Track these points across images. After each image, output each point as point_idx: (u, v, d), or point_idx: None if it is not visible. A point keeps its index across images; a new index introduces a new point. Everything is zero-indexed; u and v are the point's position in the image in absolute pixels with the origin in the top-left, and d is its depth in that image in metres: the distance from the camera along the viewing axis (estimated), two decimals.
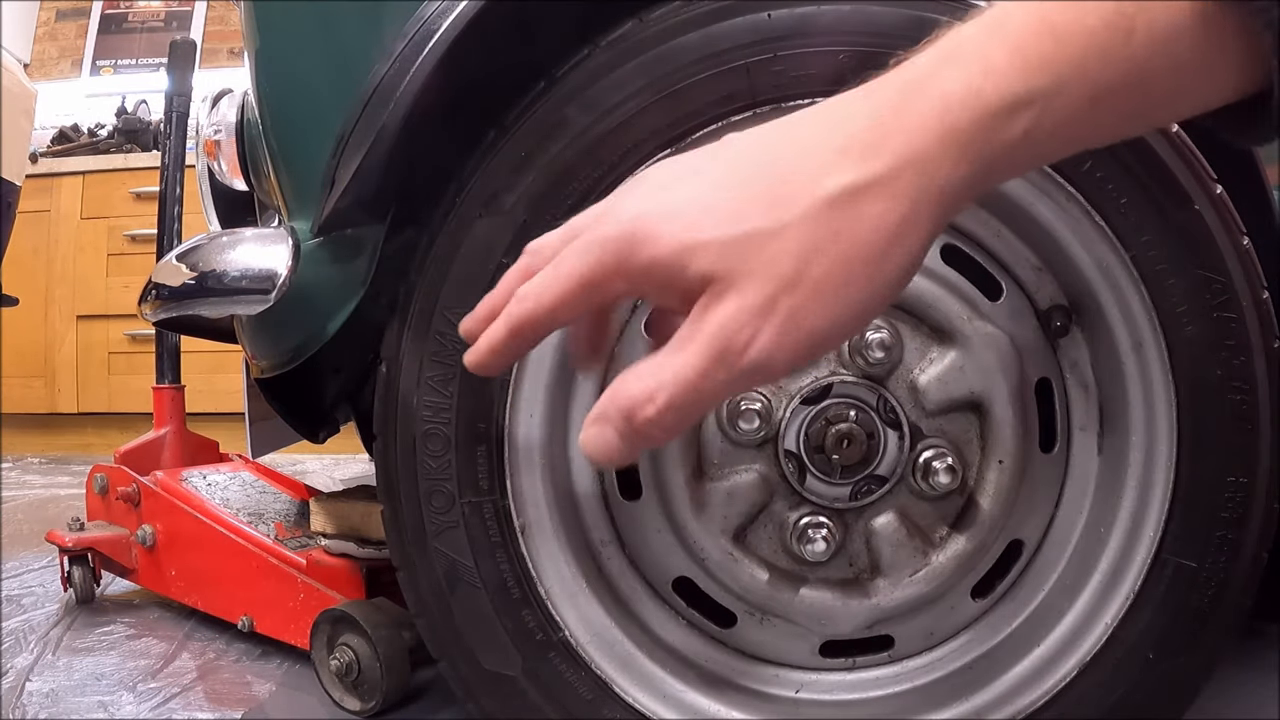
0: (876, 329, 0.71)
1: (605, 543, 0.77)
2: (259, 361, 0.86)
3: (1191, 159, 0.69)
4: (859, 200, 0.40)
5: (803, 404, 0.72)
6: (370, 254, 0.72)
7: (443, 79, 0.67)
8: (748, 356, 0.39)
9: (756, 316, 0.39)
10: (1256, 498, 0.70)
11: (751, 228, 0.39)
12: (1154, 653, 0.72)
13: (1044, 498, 0.77)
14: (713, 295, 0.40)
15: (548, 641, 0.72)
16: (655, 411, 0.40)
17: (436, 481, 0.71)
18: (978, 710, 0.74)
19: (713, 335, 0.39)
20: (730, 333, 0.39)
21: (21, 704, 1.03)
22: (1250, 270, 0.70)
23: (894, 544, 0.74)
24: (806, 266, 0.39)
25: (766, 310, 0.39)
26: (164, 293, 0.76)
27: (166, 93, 1.72)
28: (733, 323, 0.39)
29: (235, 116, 0.97)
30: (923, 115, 0.40)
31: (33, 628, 1.32)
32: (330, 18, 0.74)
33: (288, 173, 0.78)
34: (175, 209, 1.66)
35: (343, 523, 1.09)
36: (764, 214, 0.39)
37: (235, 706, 1.03)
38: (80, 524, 1.45)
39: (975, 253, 0.76)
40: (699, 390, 0.40)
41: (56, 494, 2.63)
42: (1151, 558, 0.72)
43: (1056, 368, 0.77)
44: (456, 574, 0.71)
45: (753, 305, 0.39)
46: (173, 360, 1.69)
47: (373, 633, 0.97)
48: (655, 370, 0.40)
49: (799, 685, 0.78)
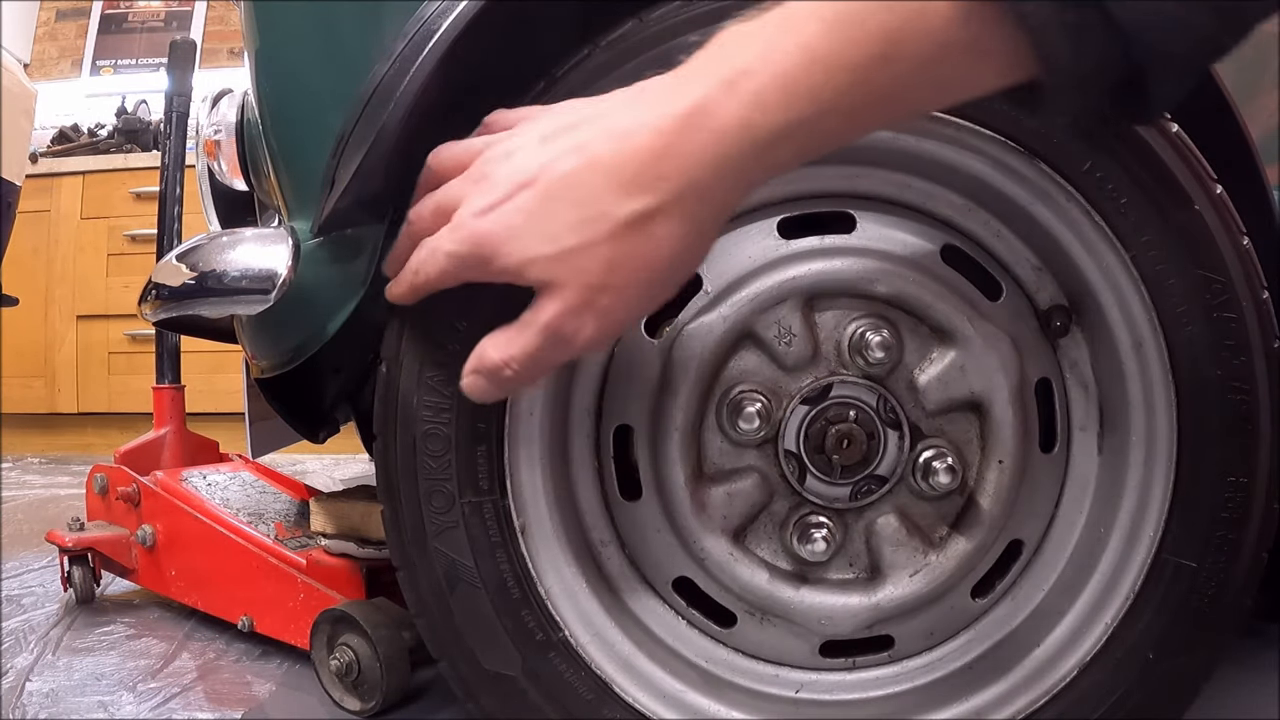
0: (877, 329, 0.72)
1: (605, 543, 0.77)
2: (259, 361, 0.86)
3: (1191, 159, 0.69)
4: (650, 223, 0.52)
5: (802, 404, 0.72)
6: (370, 254, 0.72)
7: (443, 79, 0.67)
8: (577, 341, 0.55)
9: (579, 313, 0.54)
10: (1256, 498, 0.70)
11: (568, 247, 0.52)
12: (1154, 653, 0.72)
13: (1044, 498, 0.77)
14: (545, 295, 0.54)
15: (548, 641, 0.72)
16: (511, 374, 0.57)
17: (436, 481, 0.71)
18: (978, 710, 0.74)
19: (547, 325, 0.54)
20: (560, 325, 0.54)
21: (21, 704, 1.03)
22: (1250, 270, 0.70)
23: (894, 544, 0.74)
24: (611, 276, 0.53)
25: (585, 308, 0.53)
26: (164, 293, 0.76)
27: (166, 93, 1.72)
28: (560, 318, 0.54)
29: (235, 116, 0.97)
30: (701, 147, 0.50)
31: (33, 628, 1.32)
32: (330, 18, 0.74)
33: (288, 173, 0.78)
34: (175, 209, 1.66)
35: (343, 523, 1.09)
36: (577, 235, 0.52)
37: (235, 706, 1.03)
38: (80, 524, 1.45)
39: (975, 253, 0.76)
40: (540, 362, 0.56)
41: (56, 494, 2.63)
42: (1151, 558, 0.72)
43: (1056, 368, 0.77)
44: (456, 574, 0.71)
45: (575, 305, 0.53)
46: (173, 360, 1.69)
47: (373, 633, 0.97)
48: (507, 344, 0.56)
49: (799, 685, 0.78)
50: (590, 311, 0.54)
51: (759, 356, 0.73)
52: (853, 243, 0.74)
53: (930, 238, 0.75)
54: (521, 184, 0.54)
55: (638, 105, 0.53)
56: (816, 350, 0.73)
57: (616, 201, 0.51)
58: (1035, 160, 0.70)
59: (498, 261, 0.54)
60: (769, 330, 0.72)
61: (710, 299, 0.73)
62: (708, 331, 0.72)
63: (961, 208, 0.75)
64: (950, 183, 0.74)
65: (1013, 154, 0.70)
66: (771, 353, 0.72)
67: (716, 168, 0.51)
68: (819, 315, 0.73)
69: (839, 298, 0.73)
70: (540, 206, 0.53)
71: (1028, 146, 0.70)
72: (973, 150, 0.71)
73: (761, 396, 0.72)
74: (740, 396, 0.72)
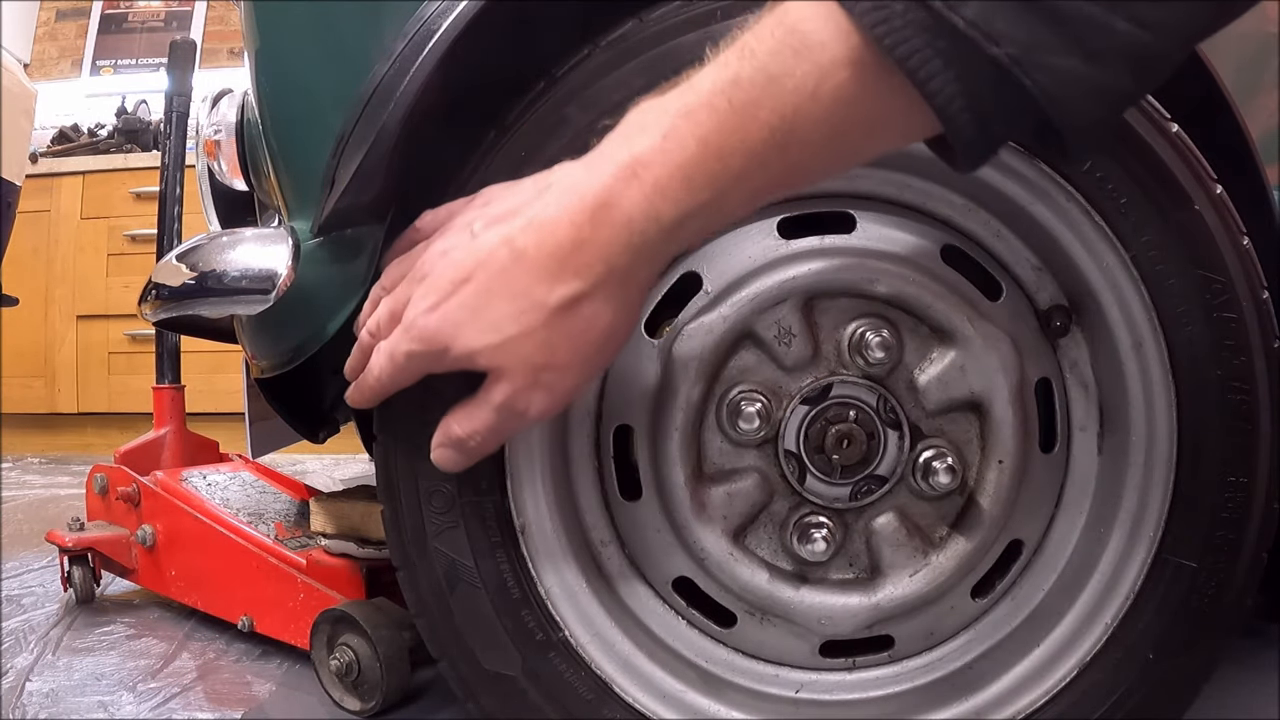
0: (877, 329, 0.72)
1: (605, 543, 0.77)
2: (259, 361, 0.86)
3: (1191, 159, 0.69)
4: (579, 306, 0.57)
5: (802, 404, 0.72)
6: (370, 254, 0.72)
7: (443, 79, 0.67)
8: (529, 414, 0.61)
9: (527, 391, 0.59)
10: (1256, 498, 0.70)
11: (509, 335, 0.57)
12: (1154, 653, 0.72)
13: (1044, 498, 0.77)
14: (495, 378, 0.60)
15: (548, 641, 0.72)
16: (476, 445, 0.63)
17: (436, 481, 0.71)
18: (978, 710, 0.74)
19: (501, 404, 0.60)
20: (511, 403, 0.60)
21: (21, 704, 1.03)
22: (1250, 270, 0.70)
23: (894, 544, 0.74)
24: (552, 356, 0.58)
25: (532, 387, 0.59)
26: (164, 293, 0.76)
27: (166, 93, 1.72)
28: (510, 398, 0.60)
29: (235, 116, 0.97)
30: (614, 236, 0.55)
31: (33, 628, 1.32)
32: (330, 18, 0.74)
33: (288, 173, 0.78)
34: (175, 209, 1.66)
35: (343, 523, 1.09)
36: (516, 324, 0.57)
37: (235, 706, 1.03)
38: (80, 524, 1.45)
39: (975, 253, 0.76)
40: (499, 434, 0.62)
41: (56, 494, 2.63)
42: (1151, 558, 0.72)
43: (1056, 368, 0.77)
44: (456, 574, 0.71)
45: (522, 386, 0.59)
46: (173, 360, 1.69)
47: (373, 633, 0.97)
48: (468, 420, 0.62)
49: (799, 685, 0.78)
50: (537, 388, 0.59)
51: (759, 356, 0.73)
52: (852, 243, 0.74)
53: (930, 238, 0.75)
54: (460, 280, 0.58)
55: (552, 196, 0.57)
56: (816, 350, 0.73)
57: (547, 290, 0.56)
58: (1035, 160, 0.70)
59: (452, 352, 0.59)
60: (769, 330, 0.72)
61: (710, 299, 0.73)
62: (707, 331, 0.72)
63: (961, 208, 0.75)
64: (950, 183, 0.74)
65: (1013, 154, 0.70)
66: (771, 353, 0.72)
67: (630, 253, 0.55)
68: (819, 315, 0.73)
69: (839, 298, 0.73)
70: (480, 301, 0.58)
71: (1028, 146, 0.70)
72: None
73: (761, 396, 0.72)
74: (740, 396, 0.72)
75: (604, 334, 0.58)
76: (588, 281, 0.56)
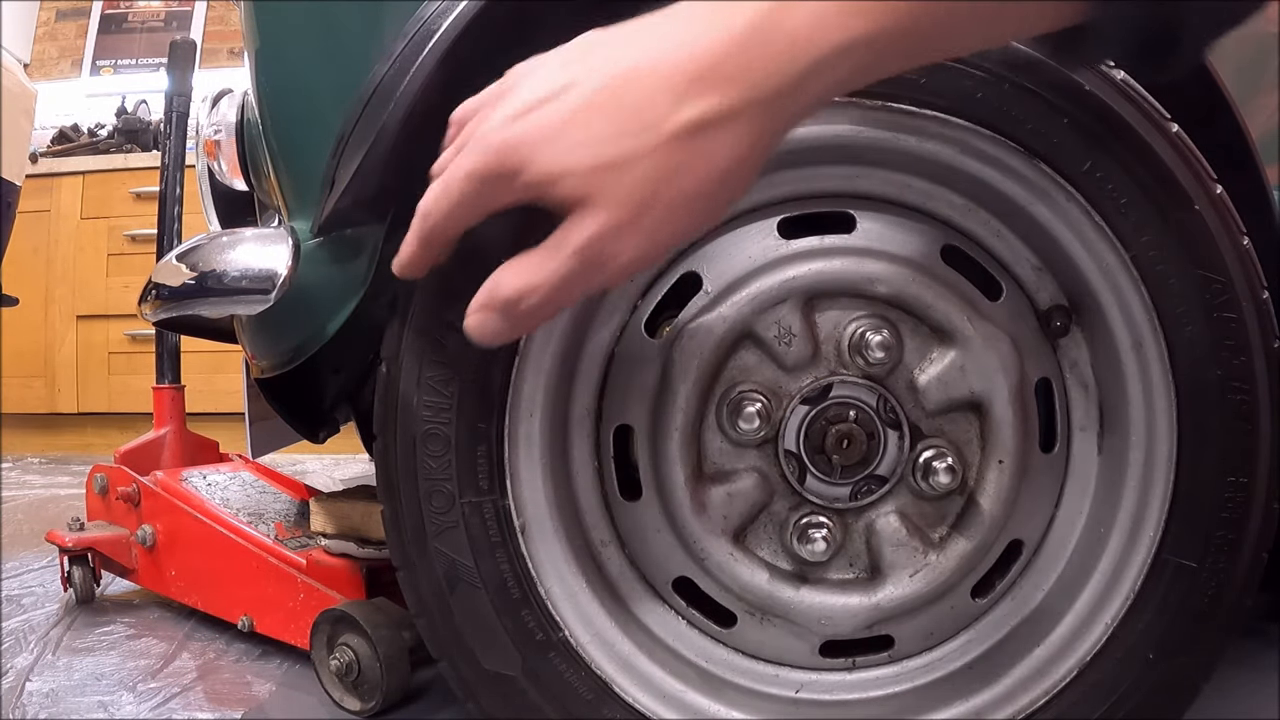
0: (877, 329, 0.72)
1: (605, 543, 0.77)
2: (259, 361, 0.86)
3: (1191, 159, 0.69)
4: (705, 134, 0.45)
5: (802, 404, 0.72)
6: (370, 254, 0.72)
7: (443, 79, 0.67)
8: (613, 265, 0.48)
9: (619, 233, 0.47)
10: (1256, 498, 0.70)
11: (609, 159, 0.46)
12: (1154, 653, 0.72)
13: (1044, 498, 0.77)
14: (580, 212, 0.47)
15: (548, 641, 0.72)
16: (533, 305, 0.49)
17: (436, 481, 0.71)
18: (978, 710, 0.74)
19: (582, 247, 0.47)
20: (597, 246, 0.47)
21: (21, 704, 1.03)
22: (1250, 270, 0.70)
23: (894, 544, 0.74)
24: (655, 194, 0.46)
25: (627, 228, 0.47)
26: (164, 293, 0.76)
27: (166, 93, 1.73)
28: (597, 239, 0.47)
29: (235, 116, 0.97)
30: (773, 56, 0.45)
31: (33, 628, 1.32)
32: (330, 18, 0.74)
33: (288, 173, 0.78)
34: (175, 209, 1.66)
35: (343, 523, 1.09)
36: (617, 144, 0.46)
37: (235, 706, 1.03)
38: (80, 524, 1.45)
39: (975, 253, 0.76)
40: (567, 291, 0.49)
41: (56, 494, 2.63)
42: (1151, 558, 0.72)
43: (1056, 368, 0.77)
44: (456, 574, 0.71)
45: (615, 224, 0.46)
46: (173, 360, 1.69)
47: (373, 633, 0.97)
48: (532, 270, 0.48)
49: (799, 685, 0.78)
50: (632, 232, 0.47)
51: (759, 356, 0.73)
52: (853, 243, 0.74)
53: (930, 238, 0.75)
54: (556, 89, 0.47)
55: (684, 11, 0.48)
56: (816, 350, 0.73)
57: (670, 106, 0.45)
58: (1035, 160, 0.70)
59: (527, 173, 0.47)
60: (769, 330, 0.72)
61: (710, 299, 0.73)
62: (708, 331, 0.72)
63: (961, 208, 0.75)
64: (950, 183, 0.74)
65: (1013, 154, 0.70)
66: (771, 352, 0.72)
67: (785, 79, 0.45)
68: (819, 315, 0.73)
69: (839, 298, 0.73)
70: (578, 112, 0.46)
71: (1028, 146, 0.70)
72: (973, 150, 0.71)
73: (761, 396, 0.72)
74: (740, 396, 0.72)
75: (726, 173, 0.47)
76: (727, 101, 0.45)
